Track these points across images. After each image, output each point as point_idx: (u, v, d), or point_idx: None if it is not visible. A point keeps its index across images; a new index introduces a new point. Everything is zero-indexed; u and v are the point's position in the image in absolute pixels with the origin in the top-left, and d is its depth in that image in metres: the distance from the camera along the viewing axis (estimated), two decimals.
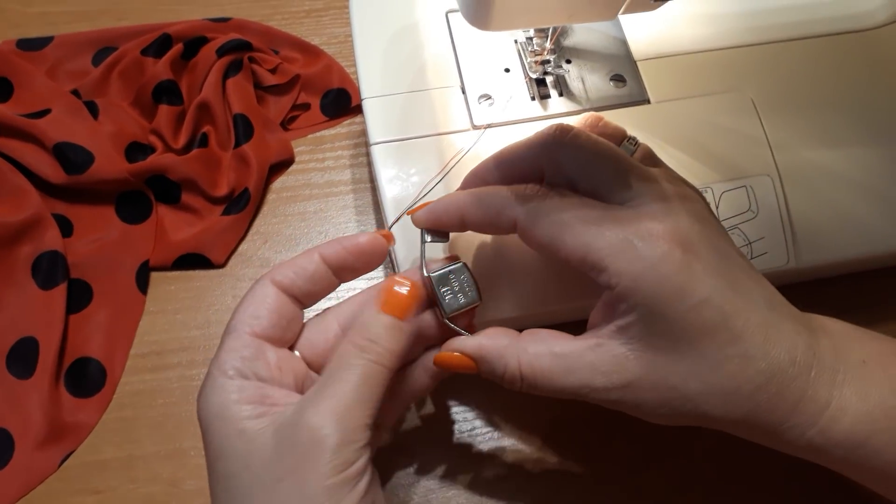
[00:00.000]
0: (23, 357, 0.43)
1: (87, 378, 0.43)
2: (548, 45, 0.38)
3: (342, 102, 0.52)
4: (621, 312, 0.30)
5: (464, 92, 0.40)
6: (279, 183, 0.49)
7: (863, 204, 0.39)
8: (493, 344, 0.32)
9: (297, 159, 0.50)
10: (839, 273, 0.43)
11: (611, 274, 0.30)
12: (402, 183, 0.38)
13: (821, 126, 0.40)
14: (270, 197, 0.49)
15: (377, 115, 0.40)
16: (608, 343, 0.31)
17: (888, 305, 0.46)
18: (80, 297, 0.45)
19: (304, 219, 0.48)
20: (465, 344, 0.33)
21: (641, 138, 0.38)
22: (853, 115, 0.41)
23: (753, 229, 0.39)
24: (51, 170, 0.47)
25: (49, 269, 0.45)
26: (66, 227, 0.47)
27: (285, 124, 0.51)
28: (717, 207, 0.38)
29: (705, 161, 0.39)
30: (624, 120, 0.40)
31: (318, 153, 0.51)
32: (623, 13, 0.32)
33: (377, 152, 0.39)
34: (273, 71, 0.51)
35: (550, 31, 0.38)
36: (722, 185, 0.39)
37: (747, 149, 0.40)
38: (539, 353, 0.31)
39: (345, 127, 0.52)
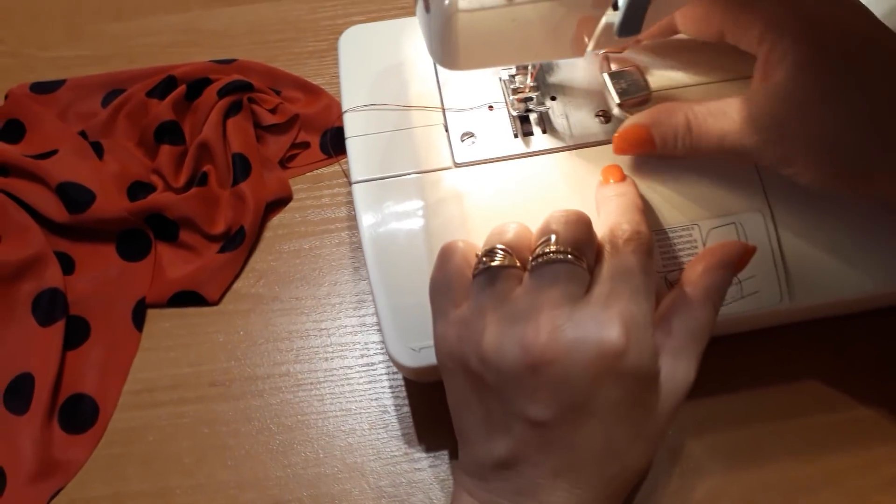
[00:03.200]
0: (19, 393, 0.44)
1: (79, 414, 0.44)
2: (528, 82, 0.38)
3: (341, 141, 0.52)
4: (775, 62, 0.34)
5: (447, 130, 0.40)
6: (276, 220, 0.50)
7: (859, 242, 0.38)
8: (662, 107, 0.36)
9: (295, 197, 0.51)
10: (837, 313, 0.41)
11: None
12: (383, 222, 0.38)
13: None
14: (267, 234, 0.49)
15: (360, 154, 0.40)
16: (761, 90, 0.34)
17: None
18: (77, 333, 0.46)
19: (299, 256, 0.48)
20: (636, 118, 0.37)
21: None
22: None
23: None
24: (54, 208, 0.48)
25: (49, 307, 0.46)
26: (67, 265, 0.48)
27: (284, 163, 0.52)
28: (704, 244, 0.37)
29: (692, 197, 0.38)
30: (608, 156, 0.39)
31: (316, 191, 0.51)
32: (592, 50, 0.32)
33: (358, 191, 0.39)
34: (273, 111, 0.52)
35: (530, 68, 0.38)
36: (710, 222, 0.38)
37: (737, 184, 0.39)
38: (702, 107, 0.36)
39: (344, 164, 0.52)
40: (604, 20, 0.29)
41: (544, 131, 0.40)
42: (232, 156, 0.49)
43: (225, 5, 0.58)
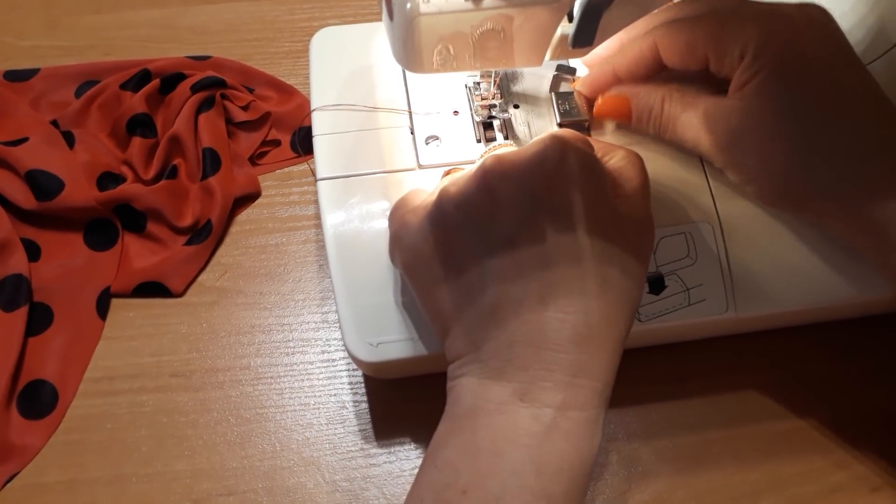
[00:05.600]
0: None
1: (39, 400, 0.44)
2: (492, 89, 0.40)
3: (311, 140, 0.53)
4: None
5: (412, 133, 0.41)
6: (244, 216, 0.51)
7: (804, 255, 0.39)
8: (646, 84, 0.40)
9: (263, 193, 0.51)
10: (782, 325, 0.43)
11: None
12: (346, 218, 0.39)
13: None
14: (234, 229, 0.50)
15: (326, 152, 0.41)
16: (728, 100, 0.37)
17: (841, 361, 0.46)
18: (40, 320, 0.46)
19: (265, 251, 0.49)
20: (622, 88, 0.40)
21: None
22: None
23: (691, 276, 0.39)
24: (22, 195, 0.48)
25: (12, 292, 0.46)
26: (33, 252, 0.48)
27: (254, 159, 0.52)
28: (654, 253, 0.39)
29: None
30: None
31: (285, 188, 0.52)
32: (550, 60, 0.33)
33: (323, 188, 0.40)
34: (245, 108, 0.53)
35: (493, 75, 0.39)
36: (660, 231, 0.39)
37: (689, 195, 0.40)
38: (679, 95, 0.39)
39: (312, 164, 0.53)
40: (559, 31, 0.31)
41: (506, 137, 0.41)
42: (202, 150, 0.50)
43: (203, 3, 0.59)
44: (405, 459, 0.43)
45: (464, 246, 0.33)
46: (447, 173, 0.38)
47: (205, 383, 0.45)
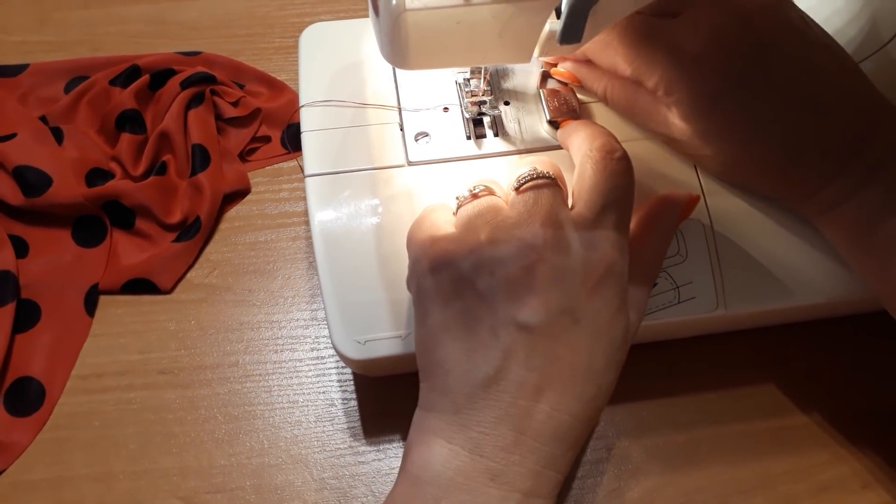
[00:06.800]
0: None
1: (25, 398, 0.44)
2: (482, 86, 0.39)
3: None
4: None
5: (402, 129, 0.41)
6: (233, 212, 0.50)
7: (795, 253, 0.39)
8: (588, 73, 0.41)
9: (253, 190, 0.51)
10: (772, 323, 0.42)
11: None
12: (334, 215, 0.39)
13: None
14: (223, 226, 0.50)
15: (315, 148, 0.41)
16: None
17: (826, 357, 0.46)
18: (28, 316, 0.46)
19: (254, 248, 0.49)
20: (573, 70, 0.42)
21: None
22: None
23: (682, 273, 0.39)
24: (10, 191, 0.48)
25: None
26: (21, 248, 0.48)
27: (244, 155, 0.52)
28: None
29: (635, 203, 0.39)
30: (558, 162, 0.40)
31: (275, 184, 0.51)
32: (539, 57, 0.33)
33: (311, 184, 0.40)
34: (235, 104, 0.53)
35: (482, 72, 0.39)
36: None
37: None
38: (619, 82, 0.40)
39: (301, 160, 0.52)
40: (547, 27, 0.30)
41: (496, 134, 0.41)
42: (192, 146, 0.49)
43: None
44: (394, 457, 0.43)
45: (483, 310, 0.32)
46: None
47: (193, 381, 0.45)
